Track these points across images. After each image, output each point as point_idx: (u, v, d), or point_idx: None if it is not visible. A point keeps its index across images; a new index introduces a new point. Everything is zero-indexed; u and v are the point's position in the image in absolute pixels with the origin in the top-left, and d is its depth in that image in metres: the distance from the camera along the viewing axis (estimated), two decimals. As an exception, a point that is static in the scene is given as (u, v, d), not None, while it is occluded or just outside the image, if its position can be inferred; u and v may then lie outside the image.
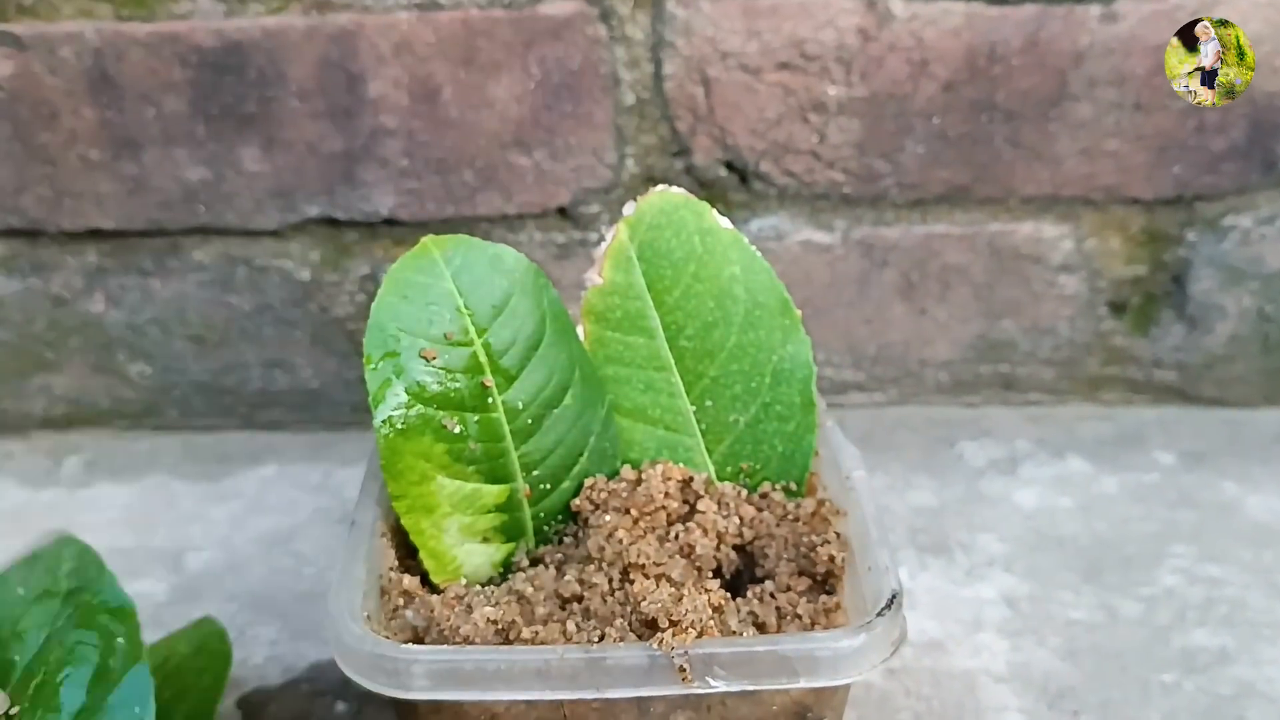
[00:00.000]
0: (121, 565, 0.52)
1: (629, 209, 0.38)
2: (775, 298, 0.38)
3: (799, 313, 0.38)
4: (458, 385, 0.36)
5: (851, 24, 0.53)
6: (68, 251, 0.58)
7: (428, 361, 0.36)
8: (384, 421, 0.35)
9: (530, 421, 0.37)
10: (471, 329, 0.37)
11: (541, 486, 0.38)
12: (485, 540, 0.38)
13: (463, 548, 0.38)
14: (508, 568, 0.39)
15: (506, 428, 0.37)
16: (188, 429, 0.62)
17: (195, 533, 0.55)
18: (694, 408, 0.39)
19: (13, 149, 0.55)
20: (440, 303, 0.36)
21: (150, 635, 0.44)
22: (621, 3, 0.52)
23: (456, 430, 0.36)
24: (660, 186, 0.38)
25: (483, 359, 0.37)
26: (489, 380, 0.36)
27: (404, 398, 0.35)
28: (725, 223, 0.38)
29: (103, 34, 0.53)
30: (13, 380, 0.61)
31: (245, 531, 0.55)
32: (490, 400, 0.36)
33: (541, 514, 0.39)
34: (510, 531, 0.38)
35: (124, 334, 0.60)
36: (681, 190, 0.38)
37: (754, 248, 0.38)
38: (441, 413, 0.36)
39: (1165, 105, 0.54)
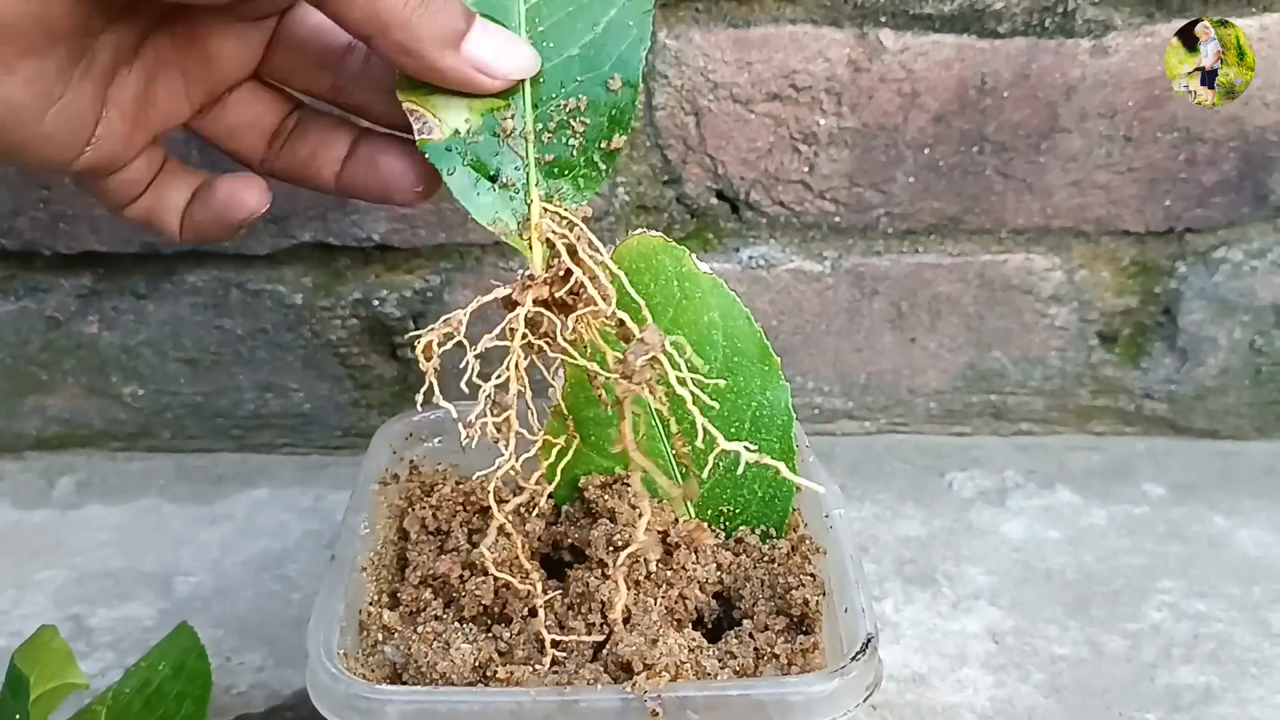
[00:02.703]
0: (110, 588, 0.53)
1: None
2: (754, 344, 0.38)
3: (778, 359, 0.38)
4: None
5: (842, 56, 0.53)
6: (62, 274, 0.58)
7: None
8: None
9: None
10: None
11: (546, 44, 0.35)
12: None
13: None
14: (490, 124, 0.35)
15: None
16: (180, 451, 0.63)
17: (185, 556, 0.55)
18: (673, 451, 0.39)
19: (7, 172, 0.55)
20: None
21: (134, 659, 0.45)
22: (613, 33, 0.53)
23: None
24: (639, 230, 0.38)
25: None
26: None
27: None
28: (704, 267, 0.38)
29: (98, 60, 0.53)
30: (7, 401, 0.61)
31: (235, 555, 0.55)
32: None
33: (541, 80, 0.35)
34: None
35: (118, 356, 0.60)
36: (660, 234, 0.38)
37: (733, 293, 0.38)
38: None
39: (1156, 138, 0.54)
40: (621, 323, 0.33)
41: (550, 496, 0.41)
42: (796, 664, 0.35)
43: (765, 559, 0.38)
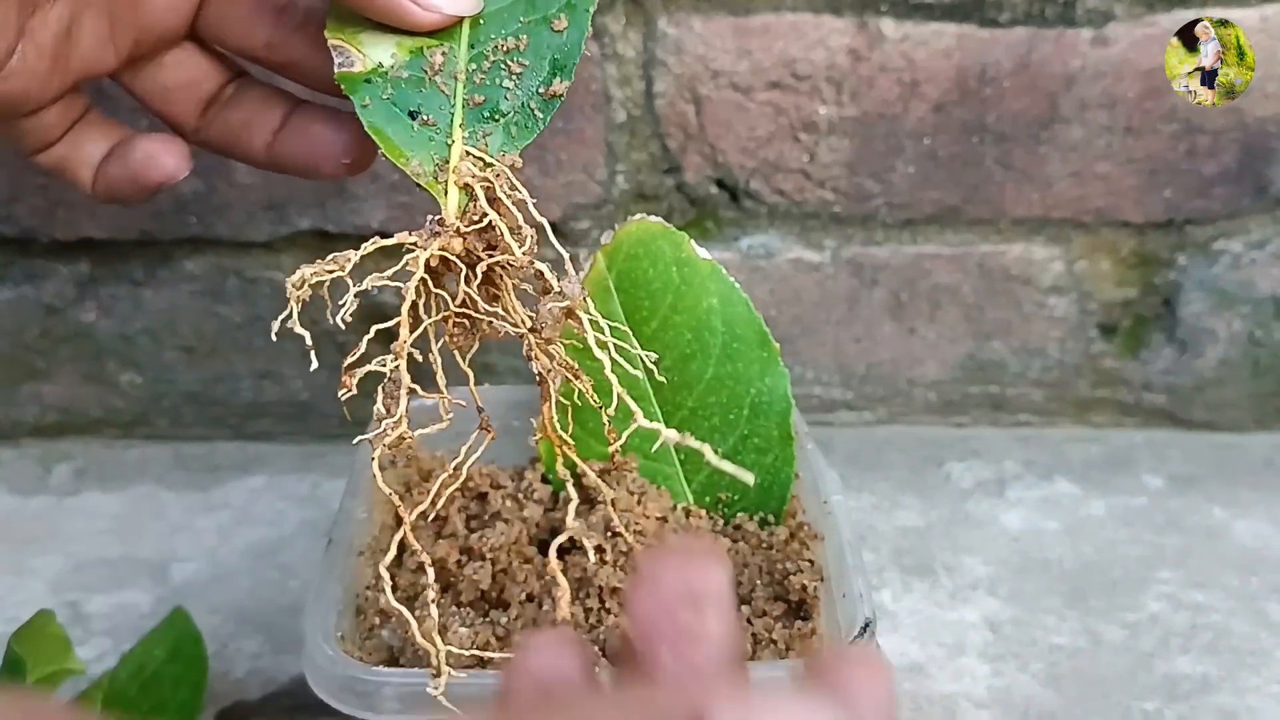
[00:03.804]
0: (107, 575, 0.53)
1: (607, 238, 0.38)
2: (753, 330, 0.38)
3: (777, 345, 0.38)
4: None
5: (842, 44, 0.53)
6: (60, 260, 0.58)
7: None
8: None
9: None
10: None
11: None
12: None
13: None
14: (418, 61, 0.33)
15: None
16: (177, 439, 0.62)
17: (182, 543, 0.55)
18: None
19: (7, 158, 0.55)
20: None
21: (131, 646, 0.45)
22: (613, 21, 0.52)
23: None
24: (638, 216, 0.38)
25: None
26: None
27: None
28: (704, 253, 0.38)
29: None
30: (4, 388, 0.61)
31: (232, 543, 0.55)
32: None
33: (482, 22, 0.33)
34: None
35: (115, 343, 0.60)
36: (659, 220, 0.38)
37: (732, 279, 0.38)
38: None
39: (1156, 129, 0.54)
40: (540, 275, 0.30)
41: (547, 482, 0.41)
42: (794, 649, 0.35)
43: (763, 545, 0.38)
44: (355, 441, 0.31)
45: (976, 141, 0.55)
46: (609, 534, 0.37)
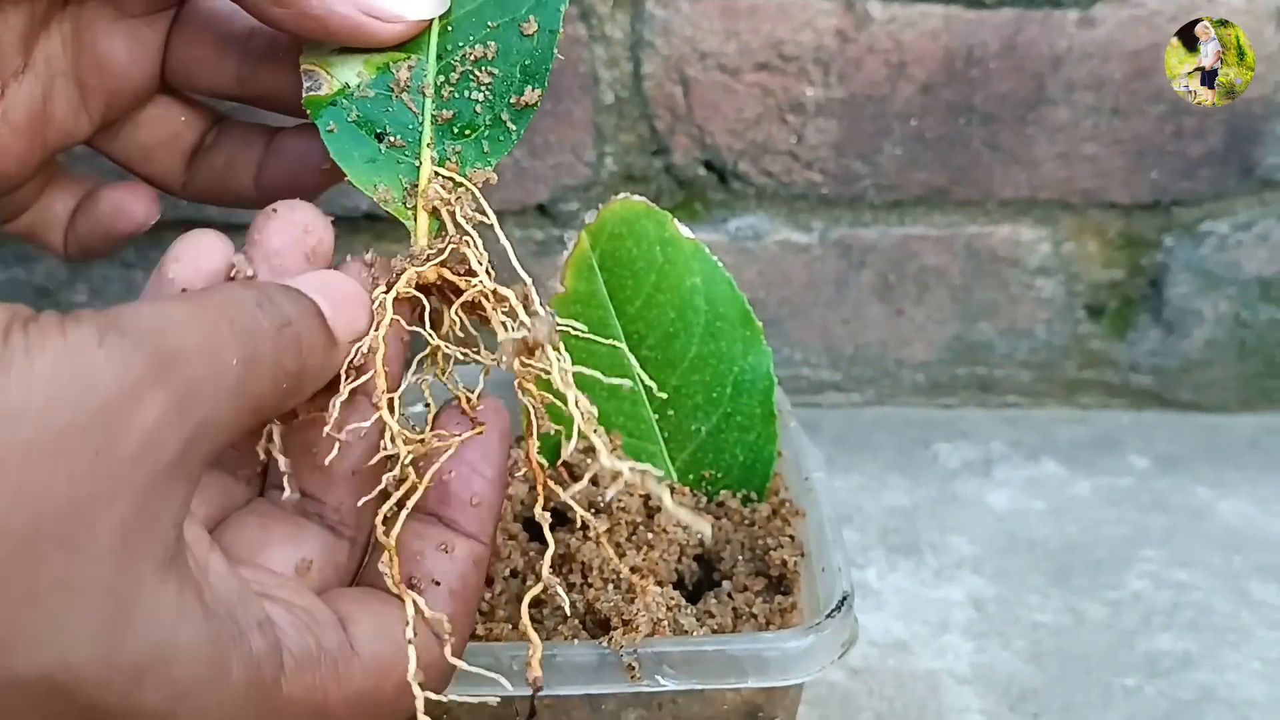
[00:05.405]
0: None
1: (590, 217, 0.39)
2: (736, 309, 0.38)
3: (760, 324, 0.38)
4: None
5: (830, 25, 0.53)
6: (51, 242, 0.58)
7: None
8: None
9: None
10: None
11: None
12: None
13: None
14: (384, 78, 0.31)
15: None
16: (170, 420, 0.63)
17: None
18: (656, 416, 0.39)
19: None
20: None
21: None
22: (601, 2, 0.53)
23: None
24: (622, 195, 0.38)
25: None
26: None
27: None
28: (687, 232, 0.38)
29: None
30: (-3, 369, 0.61)
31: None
32: None
33: (450, 29, 0.31)
34: None
35: (107, 325, 0.60)
36: (643, 199, 0.38)
37: (715, 258, 0.38)
38: None
39: (1143, 110, 0.54)
40: (504, 300, 0.28)
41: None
42: (775, 623, 0.36)
43: (746, 522, 0.39)
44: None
45: (964, 123, 0.55)
46: (593, 511, 0.37)
